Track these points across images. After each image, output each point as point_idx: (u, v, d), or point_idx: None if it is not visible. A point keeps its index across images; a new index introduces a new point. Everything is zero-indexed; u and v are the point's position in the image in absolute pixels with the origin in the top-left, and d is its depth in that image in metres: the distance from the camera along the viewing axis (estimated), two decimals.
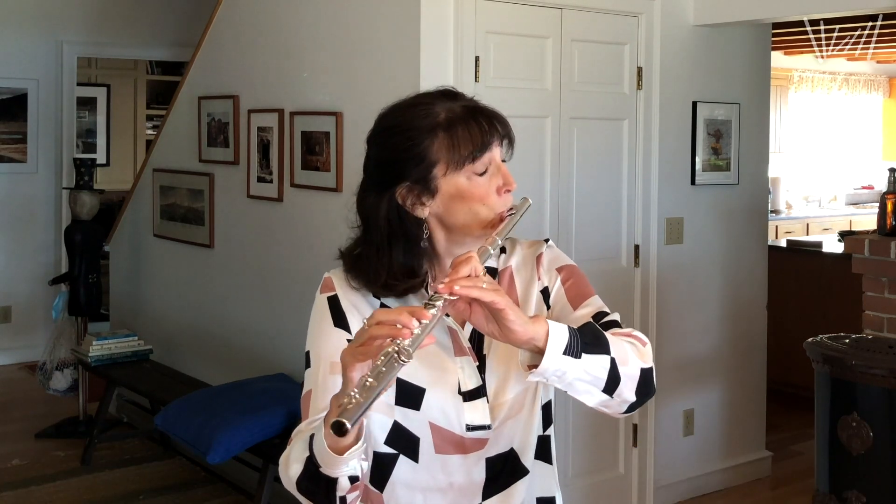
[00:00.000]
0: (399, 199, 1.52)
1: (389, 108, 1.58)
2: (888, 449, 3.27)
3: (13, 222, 6.97)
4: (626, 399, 1.47)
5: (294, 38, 4.31)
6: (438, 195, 1.52)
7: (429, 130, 1.51)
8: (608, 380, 1.44)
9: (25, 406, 5.93)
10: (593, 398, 1.46)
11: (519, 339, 1.38)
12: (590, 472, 4.21)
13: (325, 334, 1.55)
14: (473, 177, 1.51)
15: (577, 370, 1.41)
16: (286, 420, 3.81)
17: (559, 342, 1.39)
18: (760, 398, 4.87)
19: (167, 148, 5.38)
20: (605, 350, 1.44)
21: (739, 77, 4.67)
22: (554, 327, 1.40)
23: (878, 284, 4.09)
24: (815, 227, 9.16)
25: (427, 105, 1.54)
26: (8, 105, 6.90)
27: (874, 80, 10.26)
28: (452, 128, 1.51)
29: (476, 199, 1.52)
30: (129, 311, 5.76)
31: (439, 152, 1.51)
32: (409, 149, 1.51)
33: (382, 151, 1.55)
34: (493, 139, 1.53)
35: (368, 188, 1.57)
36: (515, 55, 3.88)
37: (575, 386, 1.43)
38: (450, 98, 1.56)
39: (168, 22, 7.48)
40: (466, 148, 1.50)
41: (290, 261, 4.35)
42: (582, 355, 1.41)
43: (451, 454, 1.55)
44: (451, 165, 1.50)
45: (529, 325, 1.38)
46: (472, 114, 1.53)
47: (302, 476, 1.41)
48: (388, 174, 1.53)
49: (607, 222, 4.22)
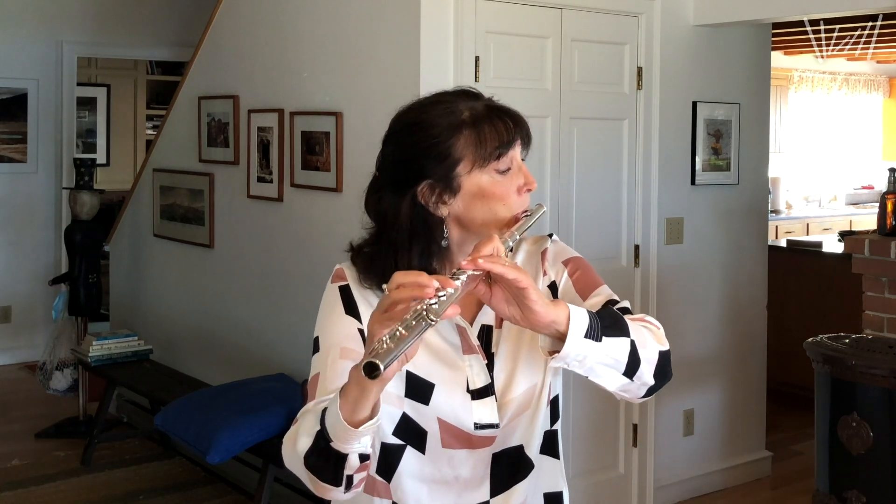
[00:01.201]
0: (420, 199, 1.51)
1: (408, 107, 1.57)
2: (888, 449, 3.27)
3: (13, 222, 6.97)
4: (645, 382, 1.47)
5: (294, 38, 4.31)
6: (460, 194, 1.51)
7: (454, 128, 1.50)
8: (628, 363, 1.44)
9: (25, 406, 5.93)
10: (614, 382, 1.45)
11: (540, 321, 1.37)
12: (590, 472, 4.21)
13: (337, 321, 1.55)
14: (496, 175, 1.51)
15: (599, 354, 1.41)
16: (286, 420, 3.81)
17: (580, 325, 1.38)
18: (760, 398, 4.87)
19: (167, 148, 5.39)
20: (624, 333, 1.44)
21: (739, 77, 4.67)
22: (575, 311, 1.39)
23: (878, 284, 4.09)
24: (815, 227, 9.16)
25: (449, 103, 1.53)
26: (8, 105, 6.90)
27: (874, 80, 10.26)
28: (478, 125, 1.51)
29: (497, 197, 1.52)
30: (129, 311, 5.76)
31: (464, 149, 1.50)
32: (434, 146, 1.50)
33: (402, 149, 1.53)
34: (517, 137, 1.54)
35: (384, 187, 1.55)
36: (515, 55, 3.88)
37: (596, 370, 1.43)
38: (471, 97, 1.56)
39: (168, 22, 7.48)
40: (492, 144, 1.50)
41: (290, 261, 4.35)
42: (602, 338, 1.40)
43: (458, 449, 1.55)
44: (476, 163, 1.50)
45: (551, 307, 1.37)
46: (496, 112, 1.54)
47: (311, 450, 1.39)
48: (409, 172, 1.52)
49: (607, 222, 4.22)
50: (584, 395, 4.13)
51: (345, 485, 1.39)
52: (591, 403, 4.17)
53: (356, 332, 1.53)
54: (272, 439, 3.79)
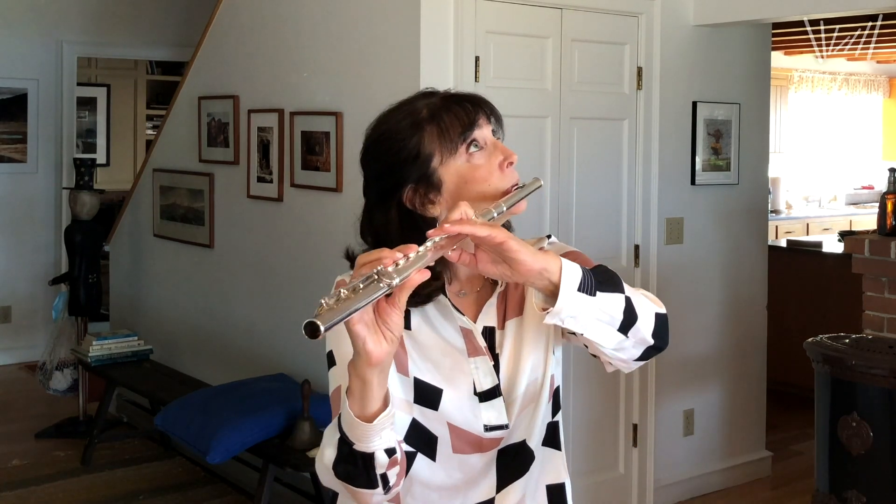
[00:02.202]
0: (407, 204, 1.51)
1: (372, 124, 1.58)
2: (888, 449, 3.27)
3: (13, 222, 6.97)
4: (642, 338, 1.45)
5: (294, 38, 4.31)
6: (444, 188, 1.51)
7: (416, 126, 1.51)
8: (624, 319, 1.42)
9: (25, 406, 5.93)
10: (609, 339, 1.43)
11: (530, 269, 1.34)
12: (590, 471, 4.20)
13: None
14: (471, 158, 1.51)
15: (593, 308, 1.39)
16: (286, 420, 3.81)
17: (573, 278, 1.37)
18: (760, 398, 4.87)
19: (167, 148, 5.39)
20: (619, 289, 1.43)
21: (739, 77, 4.67)
22: (567, 263, 1.38)
23: (878, 284, 4.09)
24: (815, 227, 9.16)
25: (406, 105, 1.55)
26: (8, 105, 6.90)
27: (874, 80, 10.26)
28: (437, 117, 1.51)
29: (480, 179, 1.51)
30: (129, 311, 5.76)
31: (431, 144, 1.50)
32: (402, 150, 1.50)
33: (376, 163, 1.54)
34: (479, 116, 1.53)
35: (372, 208, 1.55)
36: (515, 55, 3.88)
37: (591, 327, 1.40)
38: (429, 95, 1.57)
39: (168, 22, 7.48)
40: (455, 130, 1.50)
41: (290, 261, 4.35)
42: (597, 293, 1.39)
43: (469, 453, 1.55)
44: (445, 152, 1.50)
45: (539, 255, 1.35)
46: (453, 99, 1.55)
47: (337, 459, 1.37)
48: (388, 183, 1.52)
49: (607, 222, 4.22)
50: (584, 395, 4.13)
51: (381, 485, 1.38)
52: (591, 404, 4.18)
53: None
54: (272, 439, 3.79)
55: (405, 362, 1.53)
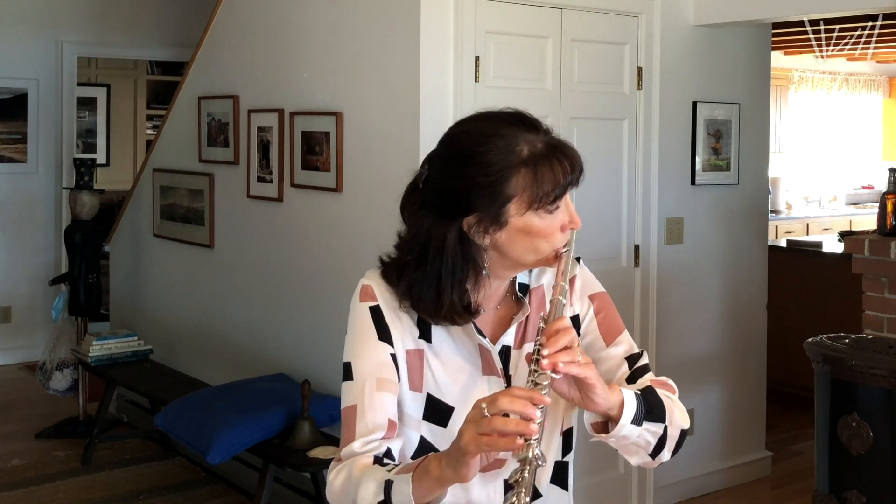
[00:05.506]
0: (464, 227, 1.48)
1: (462, 132, 1.51)
2: (888, 449, 3.27)
3: (13, 222, 6.97)
4: (662, 459, 1.54)
5: (294, 38, 4.31)
6: (506, 228, 1.48)
7: (511, 166, 1.45)
8: (656, 445, 1.51)
9: (25, 406, 5.93)
10: (638, 459, 1.54)
11: (599, 406, 1.43)
12: (590, 472, 4.20)
13: (370, 348, 1.52)
14: (545, 215, 1.48)
15: (635, 436, 1.47)
16: (286, 420, 3.81)
17: (629, 413, 1.45)
18: (760, 398, 4.87)
19: (167, 148, 5.39)
20: (661, 419, 1.50)
21: (739, 77, 4.67)
22: (627, 398, 1.45)
23: (878, 284, 4.09)
24: (815, 227, 9.16)
25: (507, 137, 1.47)
26: (8, 105, 6.90)
27: (874, 80, 10.26)
28: (536, 166, 1.46)
29: (542, 235, 1.49)
30: (129, 311, 5.76)
31: (517, 187, 1.45)
32: (489, 185, 1.45)
33: (454, 179, 1.47)
34: (573, 183, 1.51)
35: (427, 206, 1.50)
36: (515, 55, 3.88)
37: (627, 448, 1.51)
38: (529, 128, 1.49)
39: (168, 22, 7.48)
40: (549, 186, 1.46)
41: (290, 261, 4.35)
42: (643, 423, 1.47)
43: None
44: (530, 204, 1.46)
45: (609, 396, 1.43)
46: (555, 152, 1.49)
47: None
48: (457, 202, 1.47)
49: (607, 222, 4.22)
50: None
51: None
52: None
53: (389, 359, 1.52)
54: (272, 439, 3.79)
55: (419, 379, 1.53)
